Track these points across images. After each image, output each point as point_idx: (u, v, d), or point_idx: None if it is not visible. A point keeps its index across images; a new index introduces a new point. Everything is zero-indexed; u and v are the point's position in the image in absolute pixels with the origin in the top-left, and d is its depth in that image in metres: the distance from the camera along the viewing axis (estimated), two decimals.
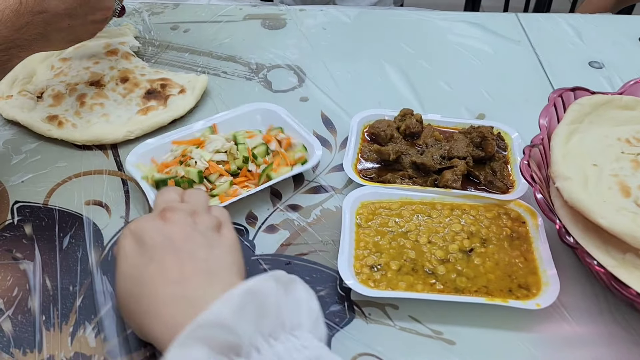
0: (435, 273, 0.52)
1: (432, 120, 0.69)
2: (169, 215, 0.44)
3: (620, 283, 0.45)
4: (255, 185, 0.61)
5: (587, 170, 0.54)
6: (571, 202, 0.51)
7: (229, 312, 0.35)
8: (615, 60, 0.85)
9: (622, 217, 0.48)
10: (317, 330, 0.39)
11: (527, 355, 0.48)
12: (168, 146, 0.64)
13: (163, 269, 0.41)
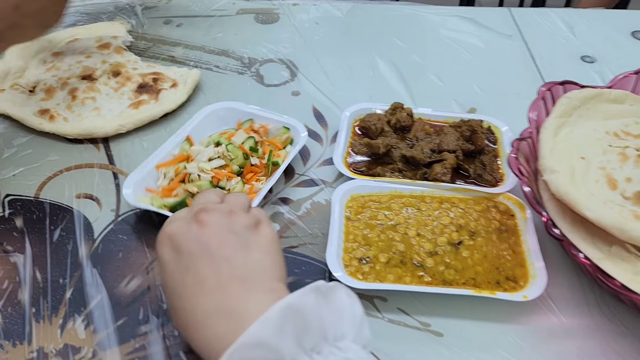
0: (424, 265, 0.52)
1: (423, 114, 0.69)
2: (204, 218, 0.42)
3: (606, 275, 0.45)
4: (266, 176, 0.61)
5: (574, 163, 0.54)
6: (558, 195, 0.51)
7: (268, 332, 0.34)
8: (607, 54, 0.85)
9: (608, 209, 0.48)
10: (361, 336, 0.38)
11: (514, 346, 0.48)
12: (154, 172, 0.60)
13: (199, 279, 0.40)
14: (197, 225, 0.42)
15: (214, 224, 0.42)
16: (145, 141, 0.68)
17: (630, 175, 0.52)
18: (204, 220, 0.42)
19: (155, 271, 0.53)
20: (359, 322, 0.38)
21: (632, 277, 0.46)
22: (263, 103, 0.74)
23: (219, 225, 0.42)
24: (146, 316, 0.49)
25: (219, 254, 0.41)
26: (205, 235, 0.41)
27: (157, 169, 0.60)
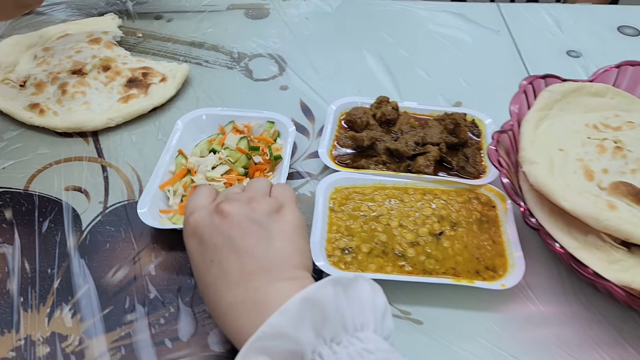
0: (405, 255, 0.53)
1: (408, 107, 0.70)
2: (225, 208, 0.43)
3: (579, 263, 0.46)
4: (271, 171, 0.62)
5: (553, 155, 0.55)
6: (536, 186, 0.52)
7: (287, 323, 0.35)
8: (592, 49, 0.86)
9: (584, 199, 0.49)
10: (383, 327, 0.38)
11: (492, 334, 0.49)
12: (159, 193, 0.58)
13: (224, 271, 0.41)
14: (219, 216, 0.43)
15: (235, 214, 0.42)
16: (134, 135, 0.69)
17: (607, 166, 0.53)
18: (225, 211, 0.42)
19: (142, 261, 0.54)
20: (382, 313, 0.38)
21: (607, 265, 0.47)
22: (251, 97, 0.75)
23: (240, 215, 0.42)
24: (132, 305, 0.50)
25: (242, 245, 0.41)
26: (227, 227, 0.42)
27: (162, 189, 0.59)
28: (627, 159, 0.54)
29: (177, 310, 0.50)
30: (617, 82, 0.65)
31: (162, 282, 0.52)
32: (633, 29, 0.91)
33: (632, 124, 0.59)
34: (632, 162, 0.54)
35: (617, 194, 0.50)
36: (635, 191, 0.50)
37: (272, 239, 0.42)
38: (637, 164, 0.53)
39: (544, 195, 0.51)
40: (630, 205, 0.50)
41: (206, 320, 0.49)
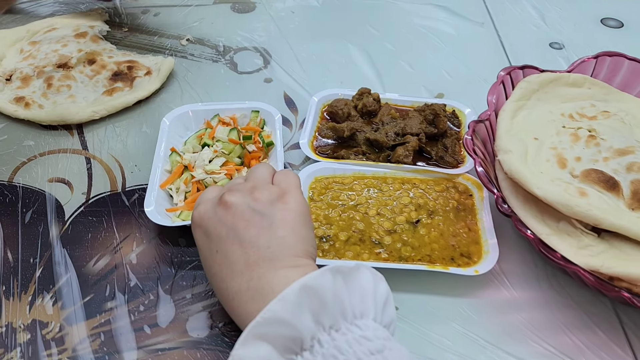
0: (382, 243, 0.54)
1: (390, 99, 0.71)
2: (228, 199, 0.44)
3: (548, 248, 0.47)
4: (266, 157, 0.64)
5: (528, 143, 0.56)
6: (510, 174, 0.53)
7: (286, 309, 0.35)
8: (575, 41, 0.87)
9: (555, 186, 0.50)
10: (384, 315, 0.39)
11: (465, 319, 0.50)
12: (161, 193, 0.59)
13: (229, 261, 0.42)
14: (222, 207, 0.44)
15: (238, 205, 0.43)
16: (119, 127, 0.70)
17: (580, 154, 0.54)
18: (228, 202, 0.43)
19: (123, 251, 0.55)
20: (383, 302, 0.39)
21: (577, 250, 0.48)
22: (235, 90, 0.76)
23: (243, 205, 0.43)
24: (112, 293, 0.51)
25: (245, 235, 0.42)
26: (230, 218, 0.43)
27: (163, 188, 0.59)
28: (600, 147, 0.55)
29: (156, 298, 0.51)
30: (595, 72, 0.66)
31: (142, 271, 0.53)
32: (616, 21, 0.92)
33: (607, 114, 0.60)
34: (605, 151, 0.55)
35: (589, 181, 0.51)
36: (606, 178, 0.51)
37: (275, 228, 0.43)
38: (610, 152, 0.54)
39: (517, 183, 0.52)
40: (600, 192, 0.50)
41: (185, 307, 0.50)
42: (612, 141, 0.55)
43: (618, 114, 0.60)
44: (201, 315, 0.50)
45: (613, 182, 0.51)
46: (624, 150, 0.54)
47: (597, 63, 0.66)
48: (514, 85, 0.63)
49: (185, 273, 0.53)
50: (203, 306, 0.51)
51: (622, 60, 0.66)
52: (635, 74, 0.65)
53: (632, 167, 0.51)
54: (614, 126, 0.58)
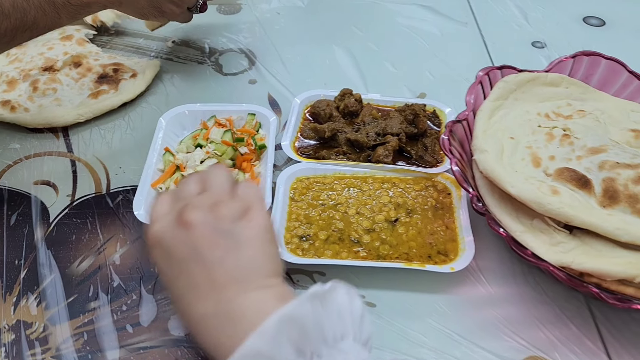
0: (361, 242, 0.55)
1: (372, 99, 0.72)
2: (188, 218, 0.40)
3: (520, 246, 0.48)
4: (258, 160, 0.64)
5: (504, 143, 0.57)
6: (485, 173, 0.54)
7: (265, 343, 0.34)
8: (557, 40, 0.88)
9: (529, 185, 0.52)
10: (362, 332, 0.38)
11: (441, 315, 0.51)
12: (152, 192, 0.59)
13: (193, 284, 0.39)
14: (183, 227, 0.40)
15: (200, 225, 0.40)
16: (104, 129, 0.70)
17: (554, 153, 0.56)
18: (189, 222, 0.40)
19: (107, 252, 0.56)
20: (359, 319, 0.38)
21: (549, 247, 0.49)
22: (220, 92, 0.77)
23: (206, 225, 0.40)
24: (96, 293, 0.52)
25: (210, 257, 0.39)
26: (193, 239, 0.39)
27: (154, 187, 0.60)
28: (574, 146, 0.56)
29: (139, 297, 0.52)
30: (573, 71, 0.67)
31: (125, 271, 0.54)
32: (598, 20, 0.93)
33: (583, 112, 0.61)
34: (578, 149, 0.56)
35: (561, 180, 0.52)
36: (578, 176, 0.52)
37: (242, 248, 0.40)
38: (583, 150, 0.55)
39: (492, 181, 0.53)
40: (573, 190, 0.52)
41: (167, 306, 0.51)
42: (585, 140, 0.56)
43: (593, 113, 0.61)
44: None
45: (585, 180, 0.52)
46: (597, 149, 0.55)
47: (575, 62, 0.67)
48: (492, 85, 0.64)
49: None
50: None
51: (599, 60, 0.67)
52: (613, 72, 0.66)
53: (604, 166, 0.53)
54: (588, 125, 0.59)
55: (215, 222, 0.40)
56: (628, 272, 0.45)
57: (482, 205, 0.51)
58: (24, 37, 0.61)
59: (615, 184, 0.51)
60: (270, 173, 0.61)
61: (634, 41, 0.88)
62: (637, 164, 0.52)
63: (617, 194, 0.50)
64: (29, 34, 0.61)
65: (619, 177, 0.51)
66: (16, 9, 0.57)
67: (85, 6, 0.63)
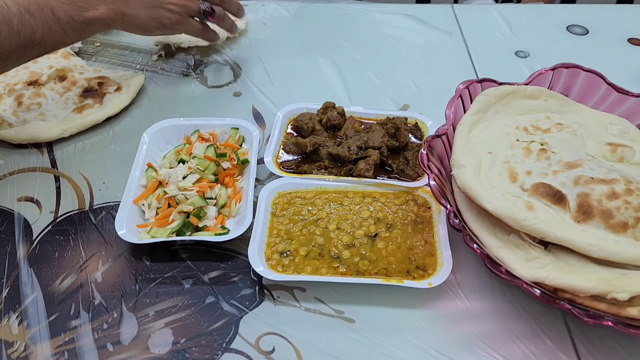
0: (340, 257, 0.56)
1: (355, 112, 0.72)
2: None
3: (494, 263, 0.49)
4: (240, 175, 0.65)
5: (482, 158, 0.58)
6: (462, 188, 0.54)
7: None
8: (540, 49, 0.88)
9: (505, 201, 0.52)
10: None
11: (419, 330, 0.52)
12: (135, 208, 0.60)
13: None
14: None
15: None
16: (88, 144, 0.71)
17: (531, 168, 0.56)
18: None
19: (89, 269, 0.56)
20: None
21: (525, 263, 0.50)
22: (204, 104, 0.78)
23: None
24: (77, 311, 0.53)
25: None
26: None
27: (136, 204, 0.60)
28: (551, 161, 0.57)
29: (120, 315, 0.52)
30: (553, 83, 0.68)
31: (107, 289, 0.55)
32: (582, 28, 0.94)
33: (561, 126, 0.62)
34: (555, 164, 0.56)
35: (537, 195, 0.53)
36: (553, 192, 0.53)
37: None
38: (560, 165, 0.56)
39: (469, 197, 0.54)
40: (548, 205, 0.52)
41: (148, 324, 0.52)
42: (562, 154, 0.57)
43: (571, 126, 0.62)
44: (163, 331, 0.51)
45: (560, 195, 0.52)
46: (573, 164, 0.55)
47: (554, 74, 0.68)
48: (472, 98, 0.65)
49: (148, 290, 0.54)
50: (165, 323, 0.52)
51: (578, 72, 0.67)
52: (592, 84, 0.67)
53: (579, 181, 0.53)
54: (565, 139, 0.60)
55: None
56: (600, 289, 0.46)
57: (459, 221, 0.52)
58: (32, 54, 0.64)
59: (590, 199, 0.52)
60: (252, 188, 0.61)
61: (617, 49, 0.89)
62: (611, 179, 0.53)
63: (591, 209, 0.51)
64: (37, 50, 0.64)
65: (593, 192, 0.52)
66: (25, 26, 0.60)
67: (88, 24, 0.66)
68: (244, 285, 0.55)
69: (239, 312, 0.53)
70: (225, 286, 0.55)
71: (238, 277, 0.56)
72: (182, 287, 0.55)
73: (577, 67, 0.67)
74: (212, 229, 0.59)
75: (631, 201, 0.52)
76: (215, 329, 0.51)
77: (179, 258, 0.58)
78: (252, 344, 0.51)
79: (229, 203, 0.61)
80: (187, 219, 0.58)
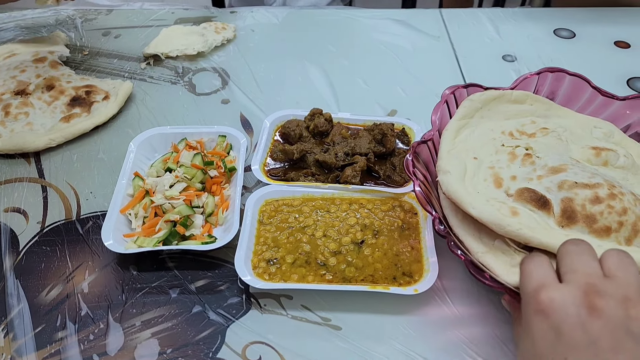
0: (327, 264, 0.56)
1: (342, 118, 0.72)
2: (597, 304, 0.37)
3: (477, 269, 0.49)
4: (228, 182, 0.65)
5: (467, 163, 0.58)
6: (447, 194, 0.55)
7: None
8: (527, 53, 0.89)
9: (489, 206, 0.52)
10: None
11: (406, 337, 0.52)
12: (121, 217, 0.60)
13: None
14: (588, 311, 0.37)
15: (611, 318, 0.36)
16: (75, 154, 0.71)
17: (516, 173, 0.56)
18: (599, 308, 0.36)
19: (75, 279, 0.56)
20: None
21: (509, 268, 0.50)
22: (192, 112, 0.77)
23: (616, 320, 0.36)
24: (63, 322, 0.53)
25: (606, 357, 0.35)
26: (596, 328, 0.36)
27: (123, 213, 0.60)
28: (536, 166, 0.57)
29: (106, 326, 0.52)
30: (538, 88, 0.68)
31: (93, 299, 0.54)
32: (568, 32, 0.94)
33: (546, 130, 0.62)
34: (539, 169, 0.57)
35: (521, 200, 0.53)
36: (537, 197, 0.53)
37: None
38: (544, 170, 0.56)
39: (454, 203, 0.54)
40: (532, 210, 0.52)
41: (134, 334, 0.52)
42: (546, 159, 0.57)
43: (556, 130, 0.62)
44: (150, 342, 0.51)
45: (544, 200, 0.53)
46: (557, 168, 0.56)
47: (540, 79, 0.68)
48: (458, 103, 0.65)
49: (135, 300, 0.54)
50: (152, 333, 0.52)
51: (563, 76, 0.68)
52: (577, 88, 0.67)
53: (563, 185, 0.53)
54: (550, 143, 0.60)
55: (626, 322, 0.36)
56: None
57: (444, 227, 0.52)
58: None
59: (573, 204, 0.52)
60: (239, 196, 0.61)
61: (604, 52, 0.89)
62: (595, 184, 0.53)
63: (574, 214, 0.51)
64: None
65: (577, 197, 0.52)
66: None
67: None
68: (230, 293, 0.55)
69: (225, 321, 0.53)
70: (212, 295, 0.55)
71: (225, 285, 0.56)
72: (168, 296, 0.55)
73: (562, 71, 0.67)
74: (199, 238, 0.59)
75: (614, 205, 0.52)
76: (201, 339, 0.51)
77: (166, 267, 0.57)
78: (239, 353, 0.51)
79: (216, 211, 0.61)
80: (173, 228, 0.58)
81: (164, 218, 0.59)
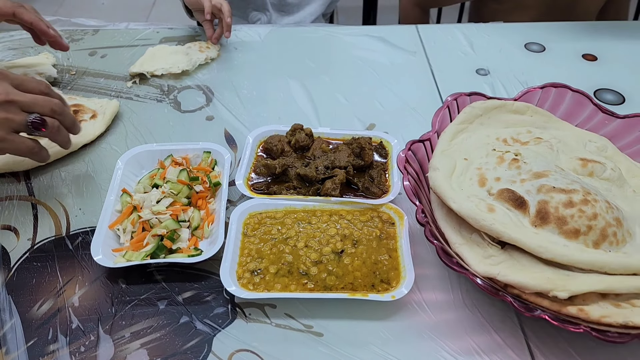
0: (309, 274, 0.58)
1: (322, 132, 0.75)
2: None
3: (447, 255, 0.52)
4: (213, 197, 0.67)
5: (458, 163, 0.62)
6: (433, 189, 0.58)
7: None
8: (500, 66, 0.93)
9: (469, 202, 0.56)
10: None
11: (384, 341, 0.54)
12: (110, 233, 0.62)
13: None
14: None
15: None
16: (64, 172, 0.73)
17: (501, 175, 0.60)
18: None
19: (66, 294, 0.58)
20: None
21: (481, 259, 0.53)
22: (178, 129, 0.80)
23: None
24: (55, 336, 0.55)
25: None
26: None
27: (111, 228, 0.62)
28: (521, 170, 0.60)
29: (96, 338, 0.54)
30: (541, 101, 0.71)
31: (84, 313, 0.56)
32: (538, 45, 0.98)
33: (539, 140, 0.66)
34: (524, 173, 0.60)
35: (500, 199, 0.57)
36: (516, 197, 0.56)
37: None
38: (529, 174, 0.59)
39: (438, 197, 0.57)
40: (509, 209, 0.56)
41: (124, 345, 0.54)
42: (532, 165, 0.60)
43: (550, 141, 0.65)
44: (139, 352, 0.53)
45: (521, 201, 0.56)
46: (541, 174, 0.59)
47: (543, 93, 0.71)
48: (459, 110, 0.68)
49: (124, 312, 0.57)
50: (141, 343, 0.54)
51: (566, 91, 0.70)
52: (578, 104, 0.70)
53: (542, 189, 0.57)
54: (540, 152, 0.63)
55: None
56: (543, 286, 0.49)
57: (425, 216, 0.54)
58: None
59: (548, 206, 0.55)
60: (224, 210, 0.64)
61: (572, 65, 0.93)
62: (571, 190, 0.56)
63: (547, 215, 0.55)
64: None
65: (552, 200, 0.55)
66: None
67: None
68: (216, 304, 0.58)
69: (212, 331, 0.55)
70: (198, 306, 0.57)
71: (211, 296, 0.58)
72: (157, 308, 0.57)
73: (565, 86, 0.70)
74: (185, 251, 0.61)
75: (585, 210, 0.55)
76: (189, 348, 0.54)
77: (154, 280, 0.60)
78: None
79: (202, 225, 0.64)
80: (161, 242, 0.61)
81: (151, 232, 0.61)
